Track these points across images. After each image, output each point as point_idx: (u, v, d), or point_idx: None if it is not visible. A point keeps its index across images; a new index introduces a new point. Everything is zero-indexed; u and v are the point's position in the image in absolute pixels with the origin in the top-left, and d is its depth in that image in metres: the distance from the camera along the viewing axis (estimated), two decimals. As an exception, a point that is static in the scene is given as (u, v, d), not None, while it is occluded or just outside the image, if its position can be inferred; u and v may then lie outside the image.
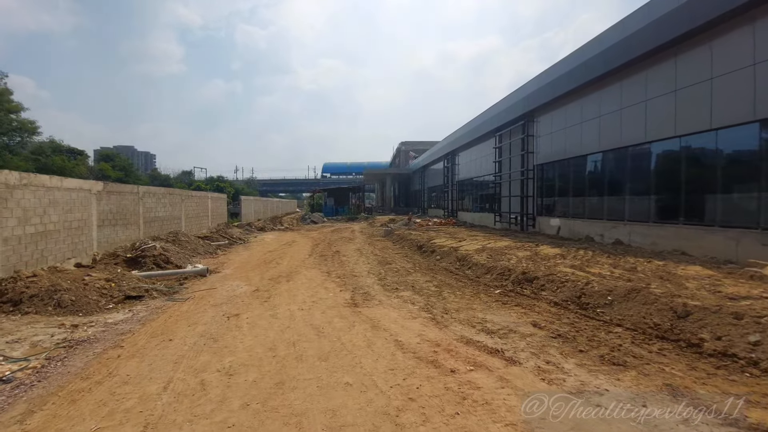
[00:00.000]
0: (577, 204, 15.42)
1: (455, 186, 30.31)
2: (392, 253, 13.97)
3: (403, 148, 55.82)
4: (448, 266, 10.94)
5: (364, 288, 8.21)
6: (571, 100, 15.30)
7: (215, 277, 10.19)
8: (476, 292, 7.58)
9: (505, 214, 21.27)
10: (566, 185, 16.11)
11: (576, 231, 15.10)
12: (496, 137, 21.85)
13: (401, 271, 10.23)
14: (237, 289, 8.48)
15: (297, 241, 18.87)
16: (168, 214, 15.59)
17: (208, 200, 20.06)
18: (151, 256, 11.27)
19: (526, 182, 18.75)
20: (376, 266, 11.23)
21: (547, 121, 17.25)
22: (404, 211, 45.31)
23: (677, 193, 10.94)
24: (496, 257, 10.79)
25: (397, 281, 8.86)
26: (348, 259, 12.60)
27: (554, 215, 16.85)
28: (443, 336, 4.81)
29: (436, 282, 8.70)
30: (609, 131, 13.40)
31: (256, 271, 10.81)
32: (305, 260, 12.72)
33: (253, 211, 30.29)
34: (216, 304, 7.09)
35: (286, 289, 8.33)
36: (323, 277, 9.64)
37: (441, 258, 12.06)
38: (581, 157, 15.02)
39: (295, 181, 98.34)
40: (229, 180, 65.04)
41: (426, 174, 40.99)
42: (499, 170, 21.76)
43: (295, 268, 11.25)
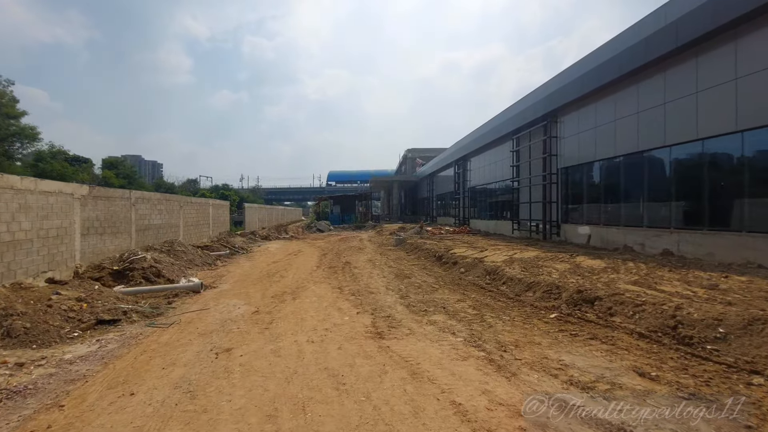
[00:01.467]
0: (611, 210, 13.87)
1: (467, 193, 28.81)
2: (408, 265, 12.47)
3: (409, 156, 54.47)
4: (477, 281, 9.42)
5: (385, 309, 6.72)
6: (603, 96, 13.84)
7: (210, 293, 8.74)
8: (526, 316, 6.06)
9: (524, 221, 19.72)
10: (597, 190, 14.59)
11: (610, 240, 13.54)
12: (514, 140, 20.41)
13: (424, 287, 8.73)
14: (233, 309, 7.02)
15: (303, 251, 17.42)
16: (164, 222, 14.21)
17: (209, 207, 18.69)
18: (139, 269, 9.85)
19: (549, 187, 17.24)
20: (393, 280, 9.74)
21: (573, 121, 15.80)
22: (411, 219, 43.81)
23: (739, 198, 9.41)
24: (531, 270, 9.28)
25: (422, 300, 7.36)
26: (361, 272, 11.12)
27: (583, 222, 15.30)
28: (518, 393, 3.32)
29: (471, 301, 7.19)
30: (650, 129, 11.92)
31: (258, 286, 9.34)
32: (313, 273, 11.25)
33: (258, 220, 28.92)
34: (205, 332, 5.62)
35: (292, 310, 6.85)
36: (335, 294, 8.16)
37: (466, 271, 10.55)
38: (615, 159, 13.52)
39: (300, 190, 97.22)
40: (234, 188, 64.00)
41: (434, 181, 39.55)
42: (517, 175, 20.26)
43: (302, 282, 9.78)
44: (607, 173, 14.16)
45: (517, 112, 19.92)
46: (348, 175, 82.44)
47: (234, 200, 39.30)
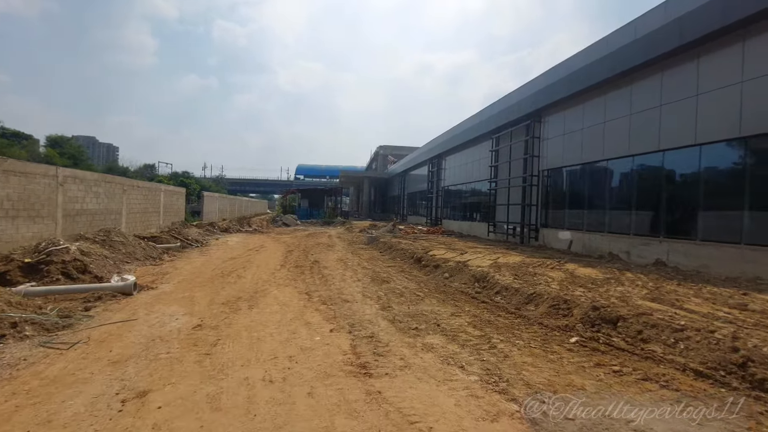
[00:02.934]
0: (596, 216, 13.16)
1: (440, 192, 27.86)
2: (384, 267, 11.13)
3: (381, 152, 53.15)
4: (465, 288, 8.23)
5: (365, 325, 5.34)
6: (593, 96, 13.08)
7: (145, 296, 7.01)
8: (542, 340, 4.87)
9: (501, 224, 18.90)
10: (581, 194, 13.86)
11: (593, 246, 12.82)
12: (493, 139, 19.54)
13: (407, 295, 7.41)
14: (169, 322, 5.40)
15: (266, 246, 15.68)
16: (102, 207, 12.09)
17: (160, 193, 16.53)
18: (59, 263, 7.92)
19: (529, 189, 16.44)
20: (370, 285, 8.36)
21: (558, 122, 15.03)
22: (381, 217, 42.56)
23: (739, 208, 8.76)
24: (524, 278, 8.21)
25: (409, 313, 6.04)
26: (332, 273, 9.66)
27: (564, 227, 14.56)
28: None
29: (467, 317, 5.94)
30: (643, 132, 11.20)
31: (207, 289, 7.69)
32: (276, 273, 9.67)
33: (218, 210, 26.64)
34: (119, 358, 4.02)
35: (247, 324, 5.33)
36: (302, 302, 6.68)
37: (450, 276, 9.35)
38: (603, 163, 12.79)
39: (266, 182, 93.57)
40: (195, 177, 60.25)
41: (406, 179, 38.46)
42: (495, 176, 19.42)
43: (263, 284, 8.21)
44: (592, 177, 13.43)
45: (499, 110, 19.06)
46: (317, 169, 79.94)
47: (194, 189, 36.46)
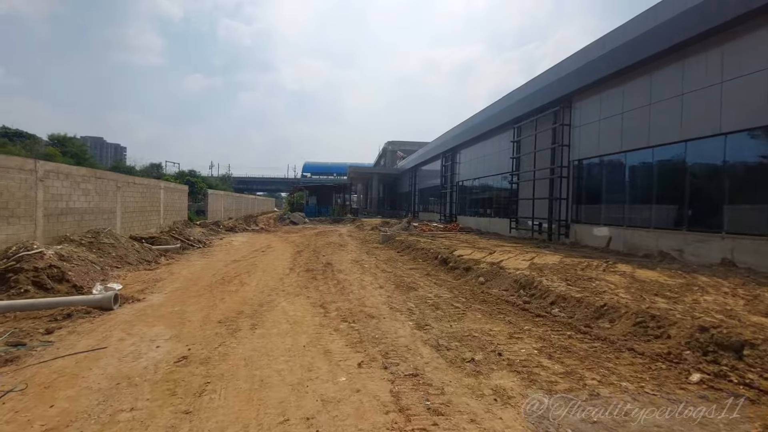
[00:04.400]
0: (639, 210, 11.72)
1: (455, 187, 26.44)
2: (406, 269, 9.82)
3: (389, 148, 51.76)
4: (508, 296, 6.89)
5: (403, 354, 4.05)
6: (636, 76, 11.61)
7: (127, 311, 5.77)
8: (652, 379, 3.52)
9: (524, 220, 17.49)
10: (620, 185, 12.41)
11: (636, 244, 11.39)
12: (515, 129, 18.09)
13: (444, 307, 6.09)
14: (146, 351, 4.14)
15: (273, 247, 14.45)
16: (92, 206, 10.92)
17: (159, 191, 15.35)
18: (30, 270, 6.73)
19: (558, 182, 15.02)
20: (395, 293, 7.06)
21: (592, 107, 13.56)
22: (390, 213, 41.25)
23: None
24: (578, 284, 6.87)
25: (455, 334, 4.72)
26: (348, 278, 8.37)
27: (600, 223, 13.12)
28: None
29: (534, 341, 4.57)
30: (699, 114, 9.75)
31: (204, 299, 6.43)
32: (285, 278, 8.40)
33: (223, 208, 25.51)
34: (55, 425, 2.76)
35: (247, 354, 4.05)
36: (317, 318, 5.40)
37: (486, 281, 8.00)
38: (647, 150, 11.33)
39: (273, 180, 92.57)
40: (201, 176, 59.30)
41: (417, 174, 37.06)
42: (517, 168, 17.99)
43: (269, 293, 6.94)
44: (635, 166, 11.97)
45: (521, 97, 17.60)
46: (324, 166, 78.74)
47: (200, 188, 35.41)
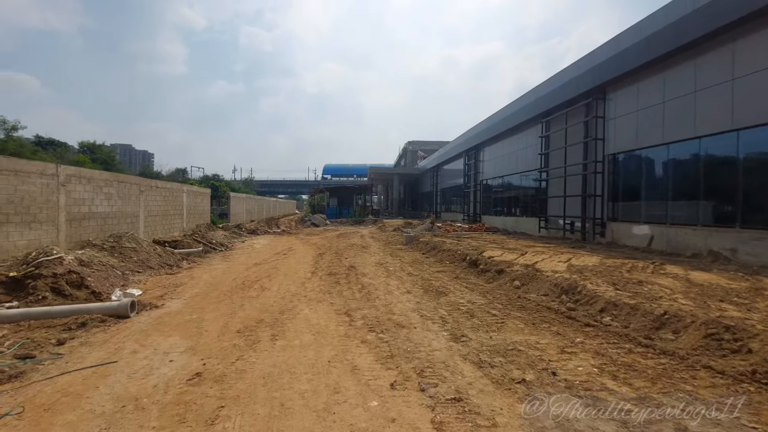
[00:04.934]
0: (685, 206, 10.84)
1: (479, 186, 25.68)
2: (433, 272, 9.30)
3: (410, 148, 51.22)
4: (549, 302, 6.28)
5: (440, 372, 3.55)
6: (679, 62, 10.73)
7: (144, 319, 5.48)
8: (745, 405, 2.92)
9: (554, 218, 16.66)
10: (663, 180, 11.52)
11: (682, 243, 10.51)
12: (543, 124, 17.28)
13: (479, 314, 5.55)
14: (158, 366, 3.79)
15: (295, 249, 14.17)
16: (115, 210, 10.87)
17: (182, 194, 15.33)
18: (49, 276, 6.56)
19: (592, 178, 14.17)
20: (424, 299, 6.56)
21: (629, 96, 12.69)
22: (411, 214, 40.71)
23: None
24: (627, 288, 6.21)
25: (497, 348, 4.18)
26: (373, 282, 7.92)
27: (640, 221, 12.24)
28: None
29: (591, 356, 3.99)
30: (752, 101, 8.85)
31: (223, 306, 6.11)
32: (306, 282, 8.03)
33: (245, 211, 25.56)
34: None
35: (266, 372, 3.64)
36: (342, 327, 4.96)
37: (522, 285, 7.40)
38: (693, 141, 10.43)
39: (294, 183, 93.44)
40: (225, 180, 60.30)
41: (438, 174, 36.37)
42: (546, 164, 17.17)
43: (291, 299, 6.55)
44: (679, 159, 11.08)
45: (549, 90, 16.79)
46: (344, 168, 78.81)
47: (223, 191, 35.81)
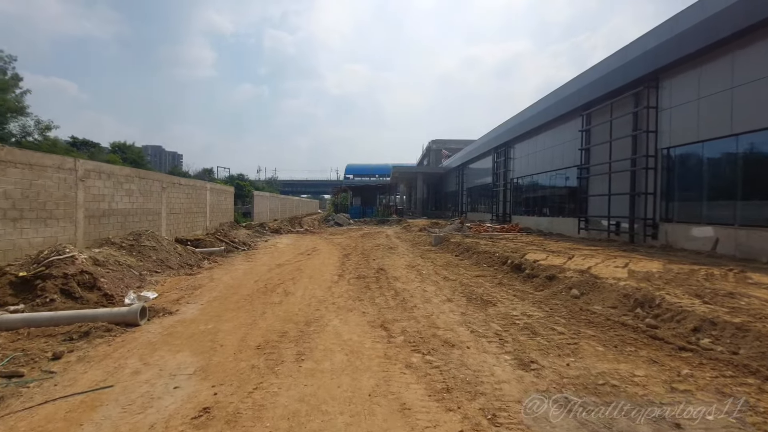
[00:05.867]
0: (758, 206, 9.50)
1: (509, 185, 24.42)
2: (471, 276, 8.36)
3: (434, 147, 50.06)
4: (620, 316, 5.26)
5: (520, 419, 2.67)
6: (750, 42, 9.39)
7: (155, 328, 4.81)
8: None
9: (596, 219, 15.37)
10: (730, 176, 10.18)
11: (755, 247, 9.18)
12: (584, 117, 15.98)
13: (542, 332, 4.61)
14: (160, 395, 3.05)
15: (319, 249, 13.47)
16: (136, 207, 10.42)
17: (206, 192, 14.90)
18: (59, 277, 6.02)
19: (642, 174, 12.85)
20: (469, 309, 5.65)
21: (688, 83, 11.36)
22: (435, 214, 39.61)
23: None
24: (716, 301, 5.15)
25: (581, 380, 3.25)
26: (406, 288, 7.07)
27: (701, 222, 10.91)
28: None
29: (709, 395, 3.02)
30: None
31: (243, 314, 5.38)
32: (333, 287, 7.25)
33: (269, 210, 25.18)
34: None
35: (290, 409, 2.83)
36: (380, 344, 4.13)
37: (581, 293, 6.38)
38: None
39: (317, 182, 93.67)
40: (250, 179, 60.84)
41: (464, 173, 35.15)
42: (587, 161, 15.87)
43: (317, 306, 5.78)
44: (751, 152, 9.74)
45: (591, 80, 15.51)
46: (367, 168, 78.05)
47: (248, 190, 35.79)
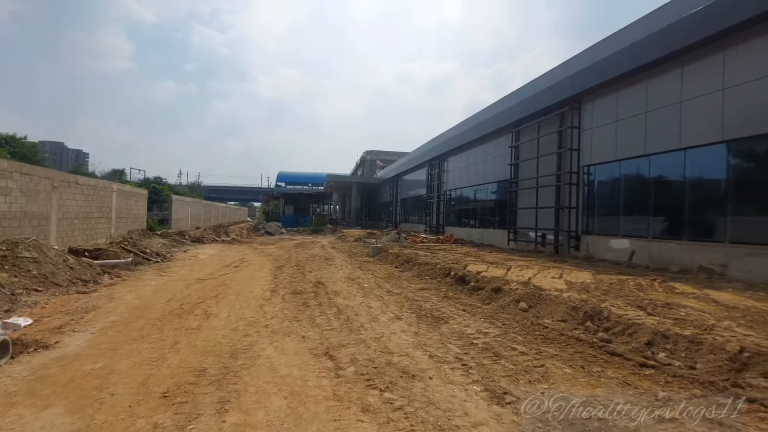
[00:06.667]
0: (669, 220, 10.38)
1: (443, 197, 24.85)
2: (415, 289, 7.88)
3: (368, 158, 50.04)
4: (568, 329, 5.09)
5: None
6: (664, 71, 10.34)
7: (19, 370, 3.52)
8: None
9: (524, 231, 16.00)
10: (644, 192, 11.03)
11: (666, 258, 9.98)
12: (513, 134, 16.68)
13: (502, 352, 4.19)
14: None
15: (248, 261, 12.16)
16: (16, 209, 8.41)
17: (111, 194, 12.78)
18: None
19: (566, 189, 13.59)
20: (421, 327, 5.10)
21: (607, 106, 12.25)
22: (369, 224, 39.31)
23: None
24: (657, 312, 5.22)
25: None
26: (350, 304, 6.34)
27: (618, 234, 11.70)
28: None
29: (702, 425, 2.76)
30: (743, 111, 8.48)
31: (147, 345, 4.25)
32: (266, 305, 6.27)
33: (190, 217, 22.79)
34: None
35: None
36: (326, 381, 3.35)
37: (529, 306, 6.18)
38: (678, 152, 10.00)
39: (246, 189, 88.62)
40: (169, 183, 55.54)
41: (399, 184, 35.36)
42: (516, 175, 16.54)
43: (246, 331, 4.82)
44: (663, 171, 10.64)
45: (521, 99, 16.26)
46: (299, 176, 75.81)
47: (166, 195, 32.34)
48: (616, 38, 12.11)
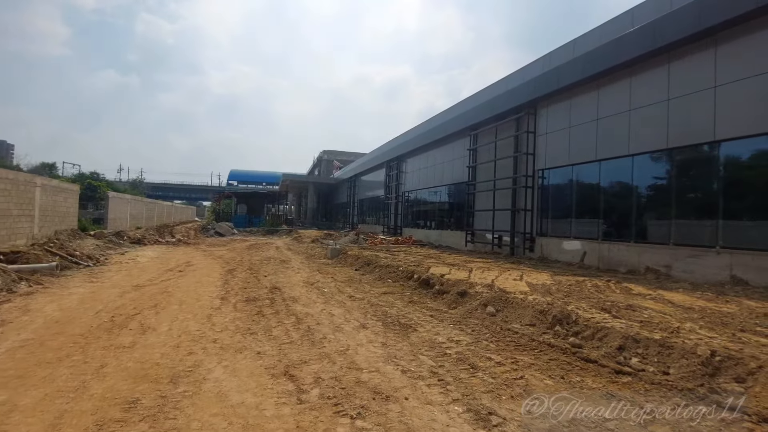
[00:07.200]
0: (617, 222, 10.81)
1: (401, 198, 24.72)
2: (378, 293, 7.49)
3: (325, 158, 49.07)
4: (538, 333, 4.95)
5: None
6: (614, 80, 10.75)
7: None
8: None
9: (481, 232, 16.17)
10: (594, 196, 11.43)
11: (615, 259, 10.38)
12: (471, 137, 16.84)
13: (477, 362, 3.90)
14: None
15: (195, 264, 11.15)
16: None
17: (34, 190, 11.18)
18: None
19: (522, 192, 13.86)
20: (389, 337, 4.71)
21: (561, 113, 12.61)
22: (326, 225, 38.46)
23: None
24: (622, 314, 5.22)
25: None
26: (310, 312, 5.81)
27: (570, 236, 12.06)
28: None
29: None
30: (687, 119, 8.96)
31: (65, 371, 3.49)
32: (214, 315, 5.58)
33: (129, 216, 20.86)
34: None
35: None
36: (288, 409, 2.85)
37: (497, 310, 5.99)
38: (626, 159, 10.44)
39: (195, 187, 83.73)
40: (107, 179, 51.17)
41: (357, 185, 34.88)
42: (474, 178, 16.70)
43: (190, 348, 4.16)
44: (612, 176, 11.07)
45: (479, 103, 16.44)
46: (253, 175, 72.67)
47: (103, 192, 29.54)
48: (570, 47, 12.50)
